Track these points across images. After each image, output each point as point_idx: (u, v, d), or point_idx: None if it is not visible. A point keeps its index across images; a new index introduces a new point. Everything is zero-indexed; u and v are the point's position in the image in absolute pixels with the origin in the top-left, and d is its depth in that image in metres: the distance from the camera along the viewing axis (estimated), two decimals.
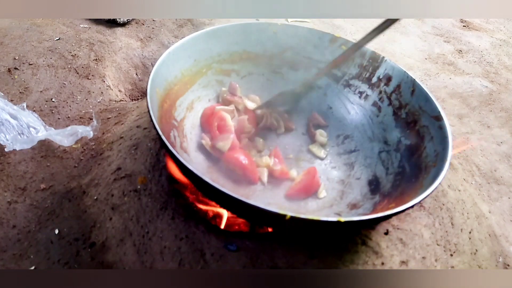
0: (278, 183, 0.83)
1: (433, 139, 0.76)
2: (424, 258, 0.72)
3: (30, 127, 0.91)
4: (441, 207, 0.82)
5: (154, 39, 1.37)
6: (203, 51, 0.90)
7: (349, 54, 0.86)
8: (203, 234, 0.69)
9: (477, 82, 1.48)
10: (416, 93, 0.83)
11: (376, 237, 0.72)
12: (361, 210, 0.76)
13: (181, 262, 0.67)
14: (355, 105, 0.94)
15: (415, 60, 1.58)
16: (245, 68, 0.97)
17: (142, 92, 1.23)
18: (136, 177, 0.79)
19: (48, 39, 1.20)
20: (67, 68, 1.13)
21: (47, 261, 0.73)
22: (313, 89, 0.97)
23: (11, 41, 1.16)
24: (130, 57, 1.26)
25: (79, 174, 0.88)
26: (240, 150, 0.83)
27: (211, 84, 0.93)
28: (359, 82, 0.94)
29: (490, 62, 1.62)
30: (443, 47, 1.70)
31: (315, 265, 0.66)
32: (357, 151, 0.89)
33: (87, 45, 1.21)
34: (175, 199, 0.74)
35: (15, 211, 0.81)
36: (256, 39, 0.96)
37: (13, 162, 0.88)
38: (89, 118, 1.02)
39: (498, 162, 1.13)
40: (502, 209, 0.99)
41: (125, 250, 0.71)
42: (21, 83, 1.06)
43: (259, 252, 0.67)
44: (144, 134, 0.87)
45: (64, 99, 1.05)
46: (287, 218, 0.54)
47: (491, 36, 1.82)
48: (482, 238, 0.84)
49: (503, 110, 1.35)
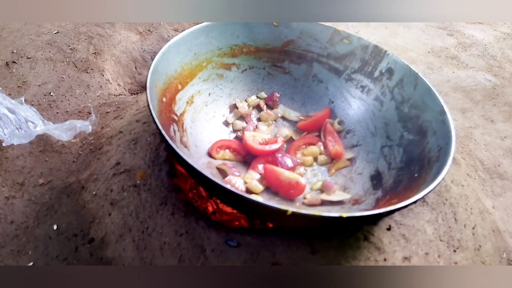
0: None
1: (436, 134, 0.75)
2: (427, 254, 0.71)
3: (28, 122, 0.90)
4: (444, 203, 0.81)
5: (154, 32, 1.36)
6: (203, 44, 0.89)
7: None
8: (203, 230, 0.68)
9: (480, 76, 1.46)
10: (419, 87, 0.82)
11: (378, 232, 0.71)
12: (363, 205, 0.75)
13: (181, 258, 0.66)
14: (357, 99, 0.93)
15: (417, 54, 1.56)
16: (245, 62, 0.96)
17: (141, 86, 1.21)
18: (135, 172, 0.78)
19: (47, 33, 1.18)
20: (65, 62, 1.11)
21: (45, 257, 0.73)
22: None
23: (9, 35, 1.15)
24: (129, 50, 1.25)
25: (77, 169, 0.87)
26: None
27: (211, 77, 0.92)
28: (362, 76, 0.92)
29: (494, 55, 1.60)
30: (446, 41, 1.68)
31: (316, 261, 0.65)
32: (359, 146, 0.88)
33: (86, 39, 1.20)
34: (175, 194, 0.74)
35: (13, 207, 0.80)
36: (257, 32, 0.94)
37: (11, 157, 0.87)
38: (88, 112, 1.01)
39: (501, 157, 1.12)
40: (506, 205, 0.98)
41: (124, 246, 0.70)
42: (19, 77, 1.04)
43: (260, 247, 0.66)
44: (143, 128, 0.86)
45: (62, 93, 1.04)
46: (289, 213, 0.53)
47: (495, 30, 1.81)
48: (486, 233, 0.84)
49: (506, 104, 1.34)
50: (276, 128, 0.94)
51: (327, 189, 0.79)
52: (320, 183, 0.81)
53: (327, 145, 0.88)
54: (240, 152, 0.86)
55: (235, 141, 0.88)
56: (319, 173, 0.86)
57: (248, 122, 0.93)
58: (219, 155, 0.84)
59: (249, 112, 0.94)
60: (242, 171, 0.83)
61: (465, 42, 1.68)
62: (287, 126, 0.94)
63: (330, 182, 0.82)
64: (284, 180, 0.77)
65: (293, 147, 0.89)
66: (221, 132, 0.90)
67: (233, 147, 0.86)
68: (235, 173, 0.80)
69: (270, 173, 0.79)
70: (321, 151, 0.88)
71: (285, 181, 0.77)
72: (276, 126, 0.94)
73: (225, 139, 0.87)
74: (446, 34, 1.73)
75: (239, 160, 0.85)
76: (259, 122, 0.94)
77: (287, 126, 0.94)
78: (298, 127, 0.94)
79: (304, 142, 0.90)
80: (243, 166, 0.85)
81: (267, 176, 0.79)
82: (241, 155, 0.86)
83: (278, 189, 0.78)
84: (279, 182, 0.78)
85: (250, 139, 0.85)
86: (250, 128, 0.91)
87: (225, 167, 0.81)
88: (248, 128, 0.91)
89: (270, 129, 0.93)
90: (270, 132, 0.92)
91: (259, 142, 0.86)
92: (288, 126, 0.94)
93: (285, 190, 0.77)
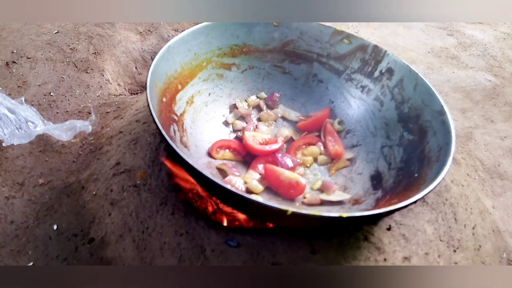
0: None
1: (436, 134, 0.75)
2: (427, 254, 0.71)
3: (28, 122, 0.90)
4: (444, 203, 0.81)
5: (154, 32, 1.36)
6: (203, 44, 0.89)
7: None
8: (203, 230, 0.68)
9: (480, 76, 1.46)
10: (419, 87, 0.82)
11: (378, 232, 0.71)
12: (363, 205, 0.75)
13: (181, 258, 0.66)
14: (357, 99, 0.93)
15: (417, 54, 1.56)
16: (245, 62, 0.96)
17: (141, 86, 1.21)
18: (135, 172, 0.78)
19: (47, 32, 1.18)
20: (65, 62, 1.11)
21: (45, 257, 0.73)
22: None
23: (9, 35, 1.15)
24: (129, 50, 1.25)
25: (77, 169, 0.87)
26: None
27: (211, 77, 0.92)
28: (361, 76, 0.92)
29: (494, 55, 1.60)
30: (446, 41, 1.68)
31: (316, 261, 0.65)
32: (359, 146, 0.88)
33: (86, 39, 1.20)
34: (175, 194, 0.73)
35: (13, 207, 0.80)
36: (257, 32, 0.94)
37: (11, 156, 0.87)
38: (88, 112, 1.01)
39: (501, 157, 1.12)
40: (506, 204, 0.98)
41: (124, 246, 0.70)
42: (19, 77, 1.04)
43: (260, 247, 0.66)
44: (143, 128, 0.86)
45: (62, 93, 1.04)
46: (289, 213, 0.53)
47: (495, 30, 1.81)
48: (486, 233, 0.84)
49: (507, 104, 1.34)
50: (276, 128, 0.94)
51: (326, 189, 0.79)
52: (320, 183, 0.81)
53: (327, 145, 0.88)
54: (240, 152, 0.86)
55: (235, 141, 0.88)
56: (319, 173, 0.86)
57: (248, 122, 0.93)
58: (219, 155, 0.84)
59: (249, 112, 0.94)
60: (242, 171, 0.83)
61: (465, 42, 1.68)
62: (287, 126, 0.94)
63: (330, 182, 0.82)
64: (285, 180, 0.77)
65: (293, 147, 0.89)
66: (221, 132, 0.90)
67: (233, 147, 0.86)
68: (235, 173, 0.80)
69: (271, 173, 0.79)
70: (321, 151, 0.88)
71: (286, 181, 0.77)
72: (276, 126, 0.94)
73: (225, 139, 0.87)
74: (446, 34, 1.73)
75: (239, 160, 0.85)
76: (259, 122, 0.94)
77: (287, 126, 0.94)
78: (298, 127, 0.94)
79: (304, 142, 0.90)
80: (243, 166, 0.85)
81: (267, 176, 0.79)
82: (241, 155, 0.86)
83: (278, 189, 0.78)
84: (279, 182, 0.77)
85: (250, 139, 0.85)
86: (250, 128, 0.91)
87: (225, 167, 0.81)
88: (248, 128, 0.91)
89: (270, 129, 0.93)
90: (270, 132, 0.92)
91: (259, 142, 0.86)
92: (288, 126, 0.94)
93: (286, 190, 0.77)
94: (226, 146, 0.86)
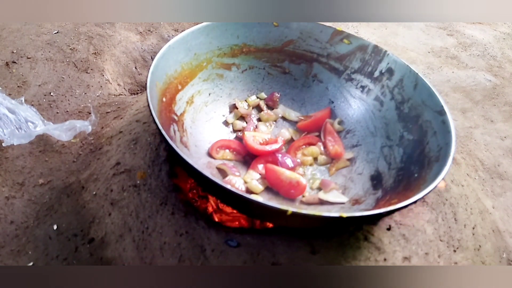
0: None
1: (436, 134, 0.75)
2: (427, 254, 0.71)
3: (28, 122, 0.90)
4: (444, 203, 0.81)
5: (154, 32, 1.36)
6: (203, 44, 0.89)
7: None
8: (203, 230, 0.68)
9: (480, 76, 1.46)
10: (419, 87, 0.82)
11: (378, 232, 0.71)
12: (363, 205, 0.75)
13: (181, 258, 0.66)
14: (357, 99, 0.93)
15: (417, 54, 1.56)
16: (245, 62, 0.96)
17: (141, 86, 1.21)
18: (135, 172, 0.78)
19: (47, 33, 1.18)
20: (65, 62, 1.11)
21: (45, 257, 0.73)
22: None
23: (9, 35, 1.15)
24: (129, 50, 1.25)
25: (77, 169, 0.87)
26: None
27: (211, 77, 0.92)
28: (361, 76, 0.92)
29: (494, 55, 1.60)
30: (446, 41, 1.68)
31: (316, 261, 0.65)
32: (359, 146, 0.88)
33: (86, 39, 1.20)
34: (175, 194, 0.73)
35: (13, 207, 0.80)
36: (257, 32, 0.94)
37: (11, 157, 0.87)
38: (88, 112, 1.01)
39: (501, 157, 1.12)
40: (506, 205, 0.98)
41: (124, 246, 0.70)
42: (19, 77, 1.04)
43: (260, 247, 0.66)
44: (143, 128, 0.86)
45: (62, 93, 1.04)
46: (289, 213, 0.53)
47: (495, 30, 1.81)
48: (486, 233, 0.84)
49: (507, 104, 1.34)
50: (276, 128, 0.94)
51: (324, 187, 0.79)
52: (319, 181, 0.81)
53: (327, 145, 0.88)
54: (240, 152, 0.86)
55: (235, 141, 0.88)
56: (319, 173, 0.86)
57: (248, 122, 0.93)
58: (219, 155, 0.84)
59: (249, 112, 0.94)
60: (242, 171, 0.83)
61: (465, 42, 1.68)
62: (287, 126, 0.94)
63: (328, 180, 0.82)
64: (285, 180, 0.77)
65: (293, 147, 0.89)
66: (221, 132, 0.90)
67: (233, 147, 0.86)
68: (235, 173, 0.80)
69: (271, 173, 0.79)
70: (321, 151, 0.88)
71: (286, 181, 0.77)
72: (276, 126, 0.94)
73: (225, 139, 0.87)
74: (446, 34, 1.73)
75: (239, 160, 0.85)
76: (259, 122, 0.94)
77: (287, 126, 0.94)
78: (298, 127, 0.94)
79: (304, 142, 0.90)
80: (243, 166, 0.85)
81: (268, 175, 0.79)
82: (241, 155, 0.86)
83: (279, 189, 0.78)
84: (279, 182, 0.77)
85: (250, 139, 0.85)
86: (250, 128, 0.91)
87: (225, 167, 0.81)
88: (248, 128, 0.91)
89: (270, 129, 0.93)
90: (270, 132, 0.92)
91: (259, 142, 0.86)
92: (288, 126, 0.95)
93: (286, 190, 0.77)
94: (226, 146, 0.86)
